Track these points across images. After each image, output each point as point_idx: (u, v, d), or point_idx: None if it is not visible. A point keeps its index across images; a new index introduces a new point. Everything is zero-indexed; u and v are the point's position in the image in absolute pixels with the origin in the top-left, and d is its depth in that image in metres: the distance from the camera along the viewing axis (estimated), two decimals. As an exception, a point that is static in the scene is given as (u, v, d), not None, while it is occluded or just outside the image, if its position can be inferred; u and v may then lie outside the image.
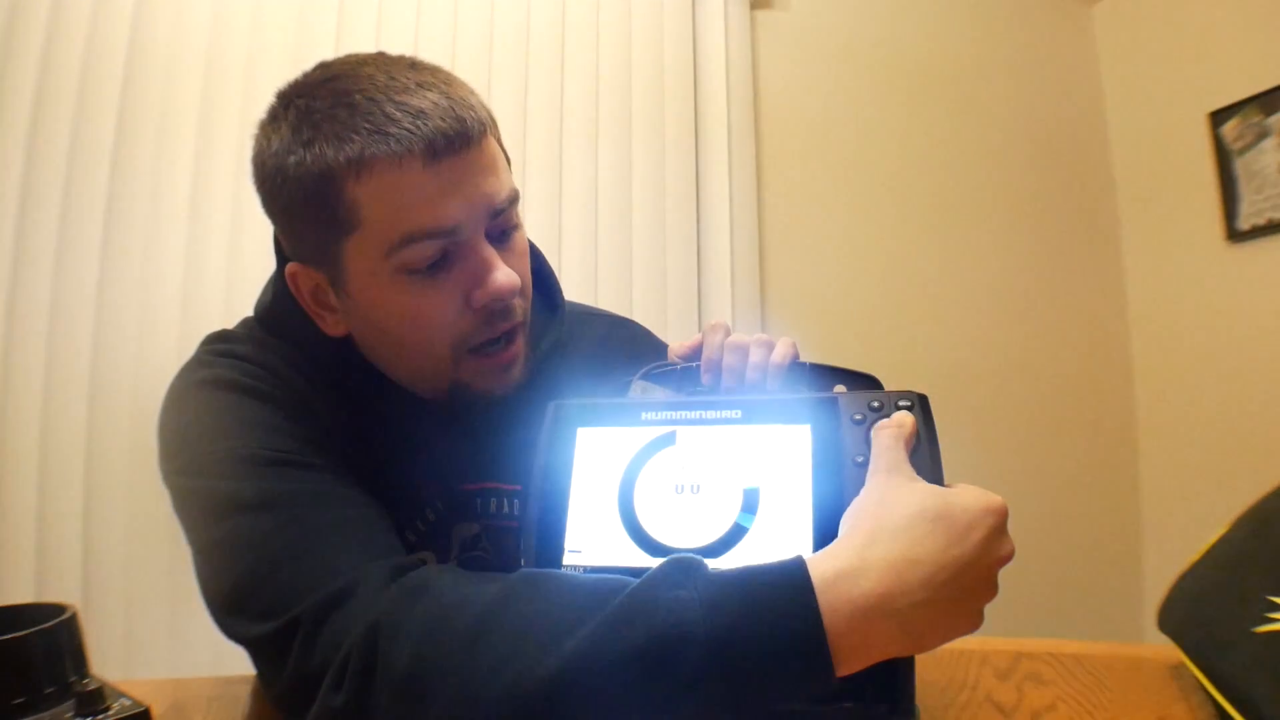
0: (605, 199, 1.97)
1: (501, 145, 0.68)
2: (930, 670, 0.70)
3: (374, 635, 0.47)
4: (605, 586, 0.48)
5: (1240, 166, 2.24)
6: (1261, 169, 2.19)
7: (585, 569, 0.55)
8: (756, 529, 0.53)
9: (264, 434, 0.62)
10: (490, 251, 0.64)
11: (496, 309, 0.65)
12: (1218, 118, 2.28)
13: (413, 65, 0.65)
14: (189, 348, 1.66)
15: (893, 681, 0.55)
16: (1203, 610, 0.67)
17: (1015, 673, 0.72)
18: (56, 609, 0.48)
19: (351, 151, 0.60)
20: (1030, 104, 2.56)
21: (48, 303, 1.50)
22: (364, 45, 1.77)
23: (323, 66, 0.67)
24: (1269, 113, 2.17)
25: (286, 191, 0.63)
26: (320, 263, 0.66)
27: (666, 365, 0.66)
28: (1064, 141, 2.59)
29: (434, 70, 0.66)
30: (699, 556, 0.49)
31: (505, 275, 0.64)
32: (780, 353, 0.67)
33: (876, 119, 2.37)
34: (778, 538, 0.53)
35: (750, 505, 0.54)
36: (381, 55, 0.66)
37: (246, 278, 1.64)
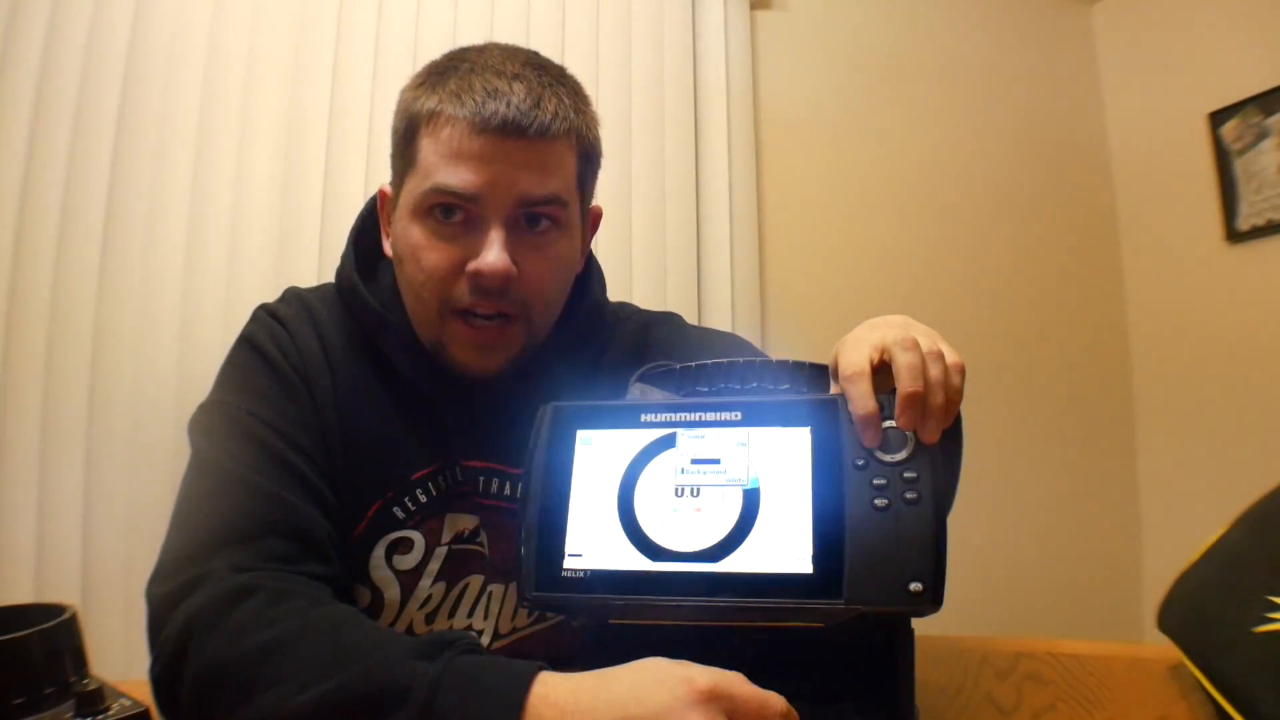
0: (605, 199, 1.96)
1: (584, 162, 0.76)
2: (930, 670, 0.70)
3: (191, 626, 0.55)
4: (376, 642, 0.53)
5: (1240, 167, 2.24)
6: (1261, 169, 2.19)
7: (586, 573, 0.55)
8: (757, 532, 0.53)
9: (251, 398, 0.71)
10: (498, 235, 0.69)
11: (483, 285, 0.69)
12: (1217, 118, 2.28)
13: (529, 62, 0.73)
14: (189, 347, 1.67)
15: (892, 682, 0.55)
16: (1202, 610, 0.67)
17: (1015, 673, 0.72)
18: (56, 609, 0.48)
19: (432, 104, 0.70)
20: (1030, 104, 2.56)
21: (48, 303, 1.50)
22: (363, 45, 1.77)
23: (485, 43, 0.77)
24: (1269, 113, 2.17)
25: (396, 118, 0.75)
26: (395, 187, 0.76)
27: (665, 366, 0.66)
28: (1064, 141, 2.59)
29: (549, 73, 0.73)
30: (471, 638, 0.53)
31: (495, 258, 0.68)
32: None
33: (876, 119, 2.37)
34: (778, 541, 0.53)
35: (750, 508, 0.54)
36: (519, 49, 0.75)
37: (247, 277, 1.64)
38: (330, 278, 0.81)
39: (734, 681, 0.47)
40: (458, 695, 0.48)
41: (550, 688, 0.48)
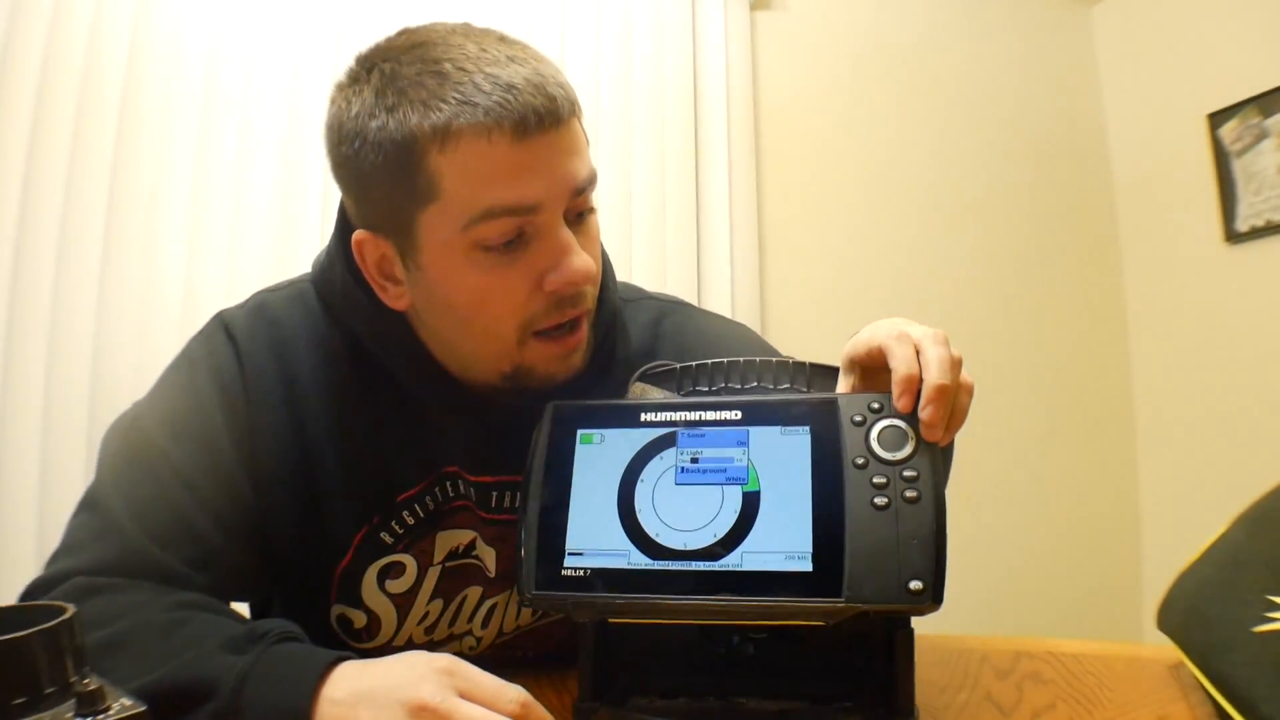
0: (605, 199, 1.97)
1: (583, 127, 0.67)
2: (930, 670, 0.70)
3: None
4: (198, 636, 0.55)
5: (1239, 168, 2.24)
6: (1260, 170, 2.20)
7: (587, 571, 0.55)
8: (757, 531, 0.54)
9: (166, 431, 0.68)
10: (568, 235, 0.63)
11: (568, 294, 0.63)
12: (1216, 119, 2.28)
13: (501, 39, 0.64)
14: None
15: (891, 682, 0.55)
16: (1202, 610, 0.67)
17: (1015, 672, 0.72)
18: (56, 609, 0.48)
19: (438, 120, 0.59)
20: (1029, 105, 2.56)
21: (48, 302, 1.50)
22: (363, 46, 1.77)
23: (407, 32, 0.66)
24: (1268, 114, 2.17)
25: (364, 156, 0.61)
26: (391, 232, 0.64)
27: (664, 365, 0.66)
28: (1063, 143, 2.59)
29: (523, 46, 0.65)
30: (286, 627, 0.57)
31: (582, 261, 0.63)
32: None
33: (876, 119, 2.37)
34: (778, 539, 0.53)
35: (750, 507, 0.54)
36: (468, 25, 0.66)
37: (247, 278, 1.64)
38: None
39: (473, 668, 0.52)
40: (263, 686, 0.51)
41: (339, 674, 0.52)
